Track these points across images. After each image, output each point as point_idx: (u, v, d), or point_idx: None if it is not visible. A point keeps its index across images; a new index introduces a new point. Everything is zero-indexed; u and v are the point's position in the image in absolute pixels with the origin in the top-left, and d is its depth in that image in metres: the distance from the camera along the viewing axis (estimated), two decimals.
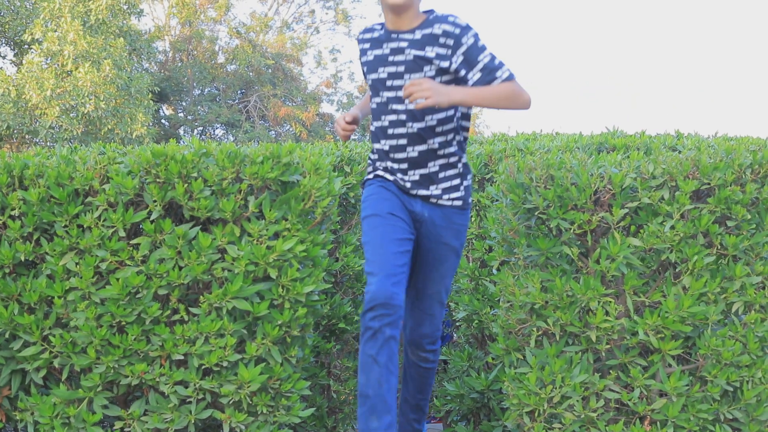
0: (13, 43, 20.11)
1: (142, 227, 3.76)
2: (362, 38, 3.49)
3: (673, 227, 3.58)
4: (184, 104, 26.98)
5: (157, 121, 25.38)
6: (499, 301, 4.18)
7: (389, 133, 3.38)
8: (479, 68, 3.26)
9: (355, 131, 3.70)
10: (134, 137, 17.79)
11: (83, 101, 16.97)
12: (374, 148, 3.46)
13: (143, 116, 17.93)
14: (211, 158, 3.72)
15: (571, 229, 3.62)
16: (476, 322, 4.53)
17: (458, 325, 4.78)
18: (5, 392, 3.86)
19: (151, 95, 18.98)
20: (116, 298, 3.63)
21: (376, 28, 3.46)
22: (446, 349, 4.73)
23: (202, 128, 26.60)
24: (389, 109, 3.36)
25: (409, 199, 3.41)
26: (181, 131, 26.39)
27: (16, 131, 17.49)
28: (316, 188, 3.69)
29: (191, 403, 3.68)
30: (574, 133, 5.99)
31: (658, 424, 3.58)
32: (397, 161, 3.39)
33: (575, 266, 3.68)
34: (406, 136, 3.36)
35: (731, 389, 3.64)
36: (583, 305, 3.61)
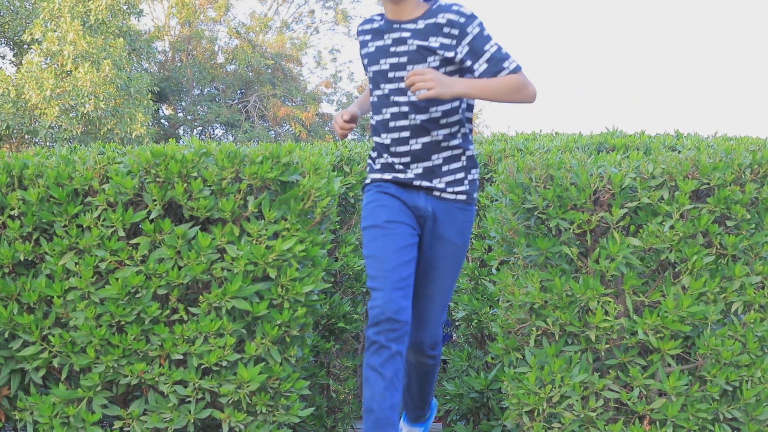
0: (12, 43, 20.12)
1: (141, 227, 3.76)
2: (362, 30, 3.34)
3: (672, 227, 3.58)
4: (183, 104, 26.96)
5: (156, 121, 25.36)
6: (498, 300, 4.18)
7: (391, 125, 3.23)
8: (486, 59, 3.13)
9: (353, 130, 3.63)
10: (134, 137, 17.79)
11: (83, 101, 16.97)
12: (374, 143, 3.33)
13: (143, 116, 17.93)
14: (210, 158, 3.72)
15: (570, 228, 3.62)
16: (476, 321, 4.53)
17: (458, 324, 4.78)
18: (5, 392, 3.86)
19: (150, 95, 18.97)
20: (116, 297, 3.64)
21: (375, 19, 3.31)
22: (446, 348, 4.73)
23: (201, 128, 26.58)
24: (391, 101, 3.22)
25: (411, 194, 3.25)
26: (180, 131, 26.38)
27: (15, 131, 17.49)
28: (315, 188, 3.69)
29: (190, 402, 3.68)
30: (573, 133, 5.98)
31: (657, 423, 3.58)
32: (398, 155, 3.24)
33: (575, 266, 3.68)
34: (408, 128, 3.21)
35: (730, 389, 3.64)
36: (582, 305, 3.61)
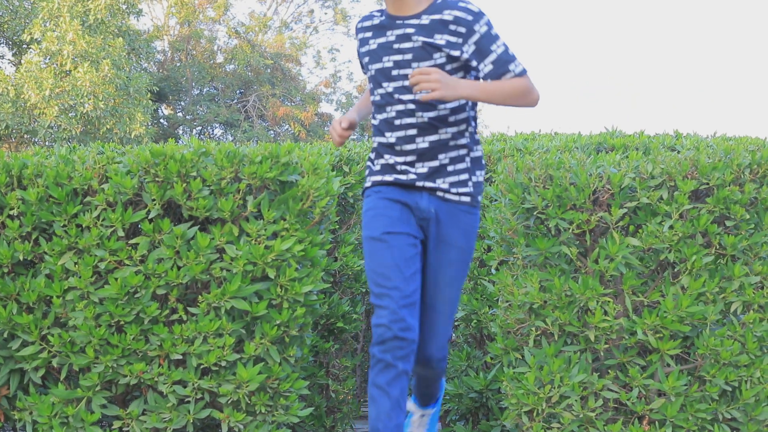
0: (11, 42, 20.12)
1: (140, 227, 3.76)
2: (362, 27, 3.20)
3: (671, 227, 3.58)
4: (182, 104, 26.94)
5: (155, 120, 25.35)
6: (497, 300, 4.18)
7: (396, 124, 3.09)
8: (492, 60, 3.02)
9: (350, 137, 3.57)
10: (133, 137, 17.79)
11: (82, 101, 16.98)
12: (375, 144, 3.20)
13: (142, 116, 17.94)
14: (209, 158, 3.72)
15: (569, 228, 3.62)
16: (475, 321, 4.53)
17: (457, 324, 4.78)
18: (4, 392, 3.86)
19: (149, 95, 18.98)
20: (115, 297, 3.63)
21: (375, 15, 3.18)
22: None
23: (200, 128, 26.57)
24: (395, 99, 3.09)
25: (413, 195, 3.11)
26: (179, 131, 26.37)
27: (14, 131, 17.50)
28: (314, 188, 3.69)
29: (190, 402, 3.68)
30: (573, 133, 5.98)
31: (656, 423, 3.58)
32: (403, 154, 3.10)
33: (574, 266, 3.68)
34: (415, 126, 3.08)
35: (730, 389, 3.64)
36: (581, 305, 3.61)
